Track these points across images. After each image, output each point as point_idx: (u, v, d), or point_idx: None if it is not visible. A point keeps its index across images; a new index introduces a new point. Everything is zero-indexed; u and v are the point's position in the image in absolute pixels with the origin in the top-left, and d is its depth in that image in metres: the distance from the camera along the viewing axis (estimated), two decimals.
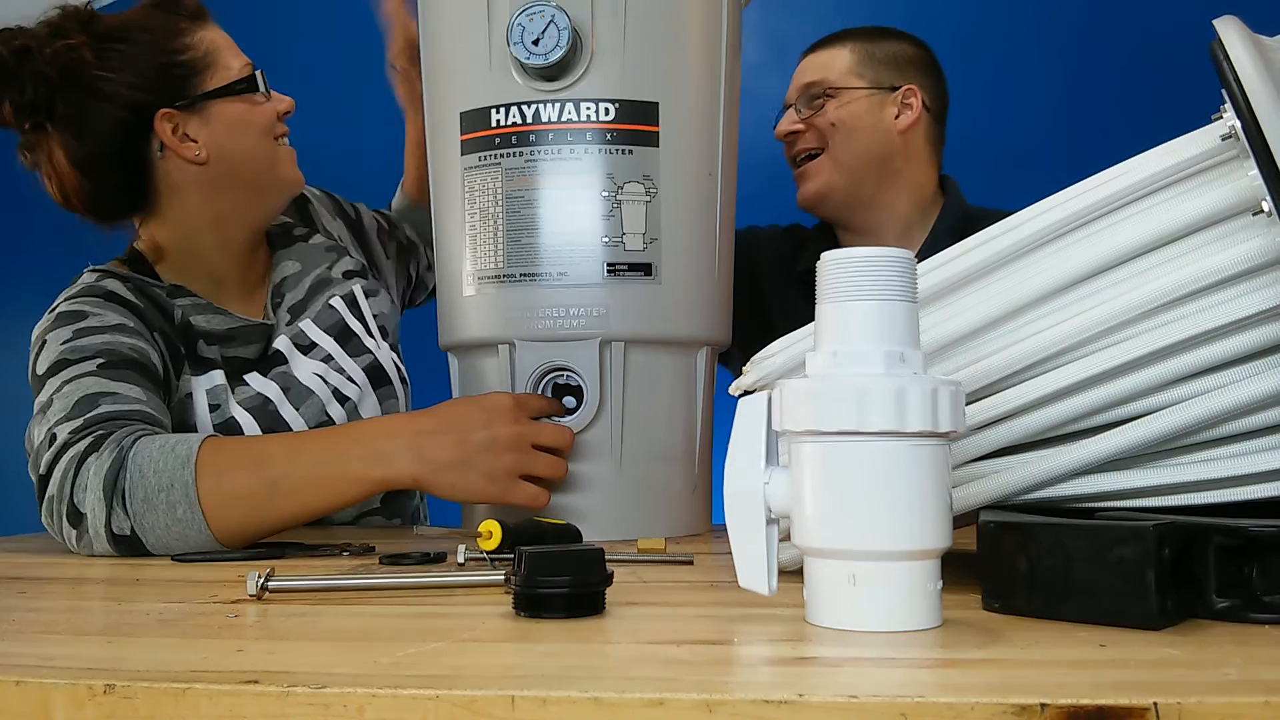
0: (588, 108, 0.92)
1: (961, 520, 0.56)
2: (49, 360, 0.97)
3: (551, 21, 0.90)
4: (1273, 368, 0.54)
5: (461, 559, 0.74)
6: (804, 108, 1.43)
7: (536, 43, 0.90)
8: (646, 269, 0.93)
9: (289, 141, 1.17)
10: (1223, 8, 0.54)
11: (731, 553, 0.53)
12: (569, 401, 0.94)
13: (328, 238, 1.27)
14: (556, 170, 0.92)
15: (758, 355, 0.67)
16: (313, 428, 1.12)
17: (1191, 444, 0.56)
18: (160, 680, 0.42)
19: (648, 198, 0.93)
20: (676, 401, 0.97)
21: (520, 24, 0.91)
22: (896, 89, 1.42)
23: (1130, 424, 0.56)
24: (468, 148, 0.96)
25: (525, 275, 0.93)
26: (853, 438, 0.48)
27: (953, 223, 1.40)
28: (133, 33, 1.06)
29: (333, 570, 0.77)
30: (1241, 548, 0.49)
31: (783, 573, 0.54)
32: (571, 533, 0.83)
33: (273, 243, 1.22)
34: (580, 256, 0.92)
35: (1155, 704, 0.36)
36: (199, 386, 1.08)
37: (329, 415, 1.14)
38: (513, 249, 0.93)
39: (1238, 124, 0.51)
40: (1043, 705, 0.37)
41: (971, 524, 0.56)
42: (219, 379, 1.09)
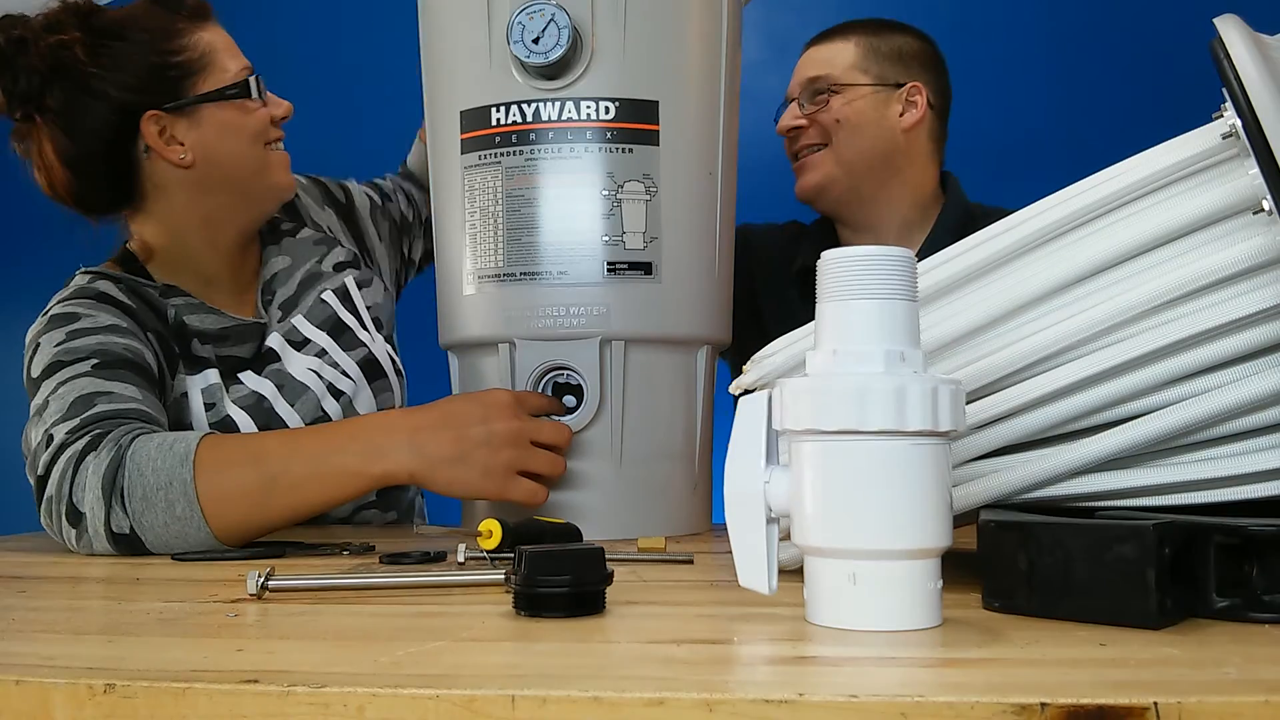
0: (588, 106, 0.92)
1: (961, 519, 0.56)
2: (43, 363, 0.97)
3: (551, 20, 0.90)
4: (1272, 367, 0.54)
5: (461, 558, 0.74)
6: (807, 103, 1.41)
7: (536, 41, 0.90)
8: (646, 268, 0.93)
9: (285, 146, 1.15)
10: (1223, 7, 0.54)
11: (731, 552, 0.53)
12: (569, 400, 0.94)
13: (316, 230, 1.25)
14: (557, 169, 0.92)
15: (758, 354, 0.67)
16: (309, 423, 1.12)
17: (1191, 443, 0.56)
18: (160, 680, 0.42)
19: (648, 197, 0.93)
20: (676, 401, 0.97)
21: (520, 22, 0.91)
22: (901, 86, 1.40)
23: (1130, 423, 0.56)
24: (468, 146, 0.96)
25: (525, 274, 0.93)
26: (853, 437, 0.48)
27: (954, 220, 1.39)
28: (129, 30, 1.06)
29: (333, 569, 0.77)
30: (1241, 547, 0.49)
31: (783, 572, 0.54)
32: (571, 532, 0.83)
33: (261, 240, 1.21)
34: (580, 255, 0.92)
35: (1155, 703, 0.36)
36: (194, 386, 1.08)
37: (324, 411, 1.14)
38: (513, 248, 0.93)
39: (1238, 123, 0.51)
40: (1043, 705, 0.37)
41: (971, 523, 0.56)
42: (213, 378, 1.09)
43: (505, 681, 0.40)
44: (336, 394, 1.16)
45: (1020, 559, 0.51)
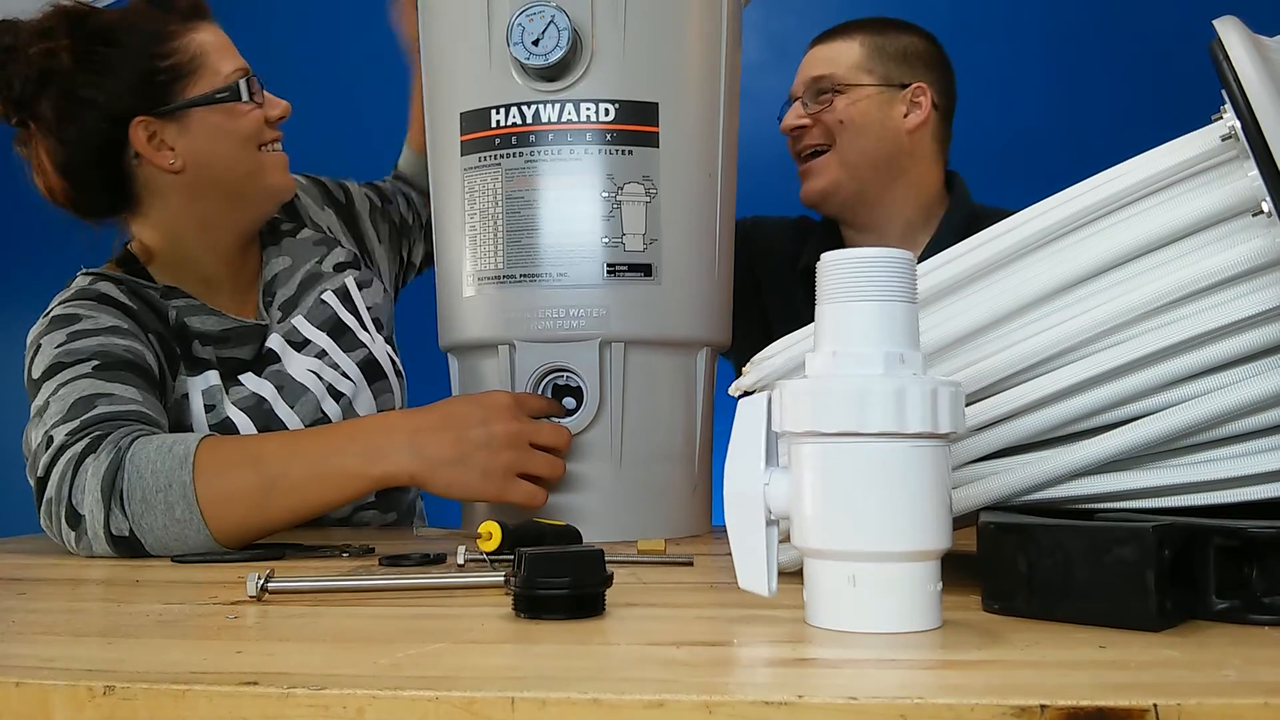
0: (588, 108, 0.92)
1: (961, 521, 0.56)
2: (44, 364, 0.97)
3: (551, 22, 0.90)
4: (1273, 368, 0.54)
5: (461, 560, 0.74)
6: (811, 102, 1.40)
7: (536, 43, 0.90)
8: (646, 270, 0.93)
9: (284, 146, 1.15)
10: (1223, 8, 0.54)
11: (731, 554, 0.53)
12: (569, 402, 0.94)
13: (316, 230, 1.25)
14: (556, 171, 0.92)
15: (757, 356, 0.67)
16: (308, 424, 1.12)
17: (1192, 445, 0.56)
18: (160, 681, 0.42)
19: (647, 198, 0.93)
20: (676, 402, 0.97)
21: (520, 24, 0.91)
22: (906, 86, 1.39)
23: (1130, 425, 0.56)
24: (468, 148, 0.96)
25: (525, 276, 0.93)
26: (852, 439, 0.48)
27: (958, 221, 1.38)
28: (120, 34, 1.05)
29: (332, 571, 0.77)
30: (1241, 549, 0.49)
31: (782, 574, 0.54)
32: (571, 534, 0.83)
33: (261, 240, 1.21)
34: (580, 257, 0.92)
35: (1155, 705, 0.36)
36: (194, 387, 1.08)
37: (324, 412, 1.14)
38: (513, 250, 0.93)
39: (1238, 124, 0.51)
40: (1042, 706, 0.37)
41: (971, 525, 0.56)
42: (214, 379, 1.09)
43: (505, 683, 0.40)
44: (336, 395, 1.15)
45: (1020, 561, 0.51)
